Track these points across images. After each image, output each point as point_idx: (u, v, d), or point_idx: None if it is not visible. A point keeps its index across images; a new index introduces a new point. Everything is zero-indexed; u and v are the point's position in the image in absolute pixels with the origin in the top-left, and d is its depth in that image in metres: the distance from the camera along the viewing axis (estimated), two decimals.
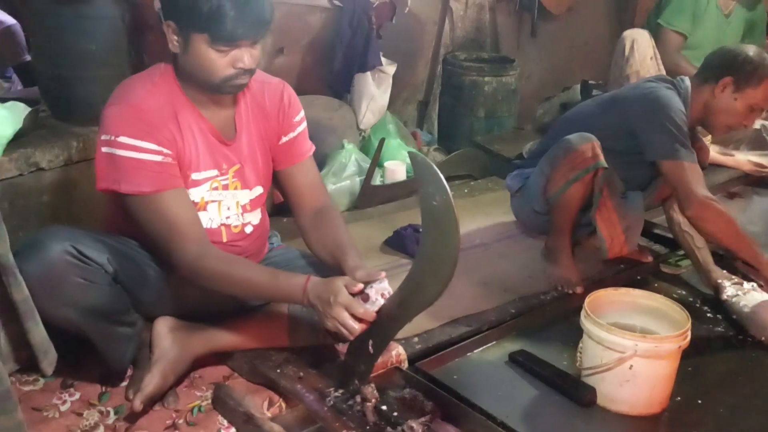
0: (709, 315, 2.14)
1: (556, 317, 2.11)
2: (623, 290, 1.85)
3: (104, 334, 1.54)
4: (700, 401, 1.76)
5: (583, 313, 1.73)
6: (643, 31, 3.29)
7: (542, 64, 4.14)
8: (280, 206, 2.69)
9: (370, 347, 1.52)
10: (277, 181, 1.74)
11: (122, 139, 1.45)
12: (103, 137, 1.47)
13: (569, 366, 1.85)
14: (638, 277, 2.36)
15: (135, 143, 1.45)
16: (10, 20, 3.09)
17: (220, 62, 1.46)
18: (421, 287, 1.35)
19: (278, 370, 1.65)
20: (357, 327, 1.42)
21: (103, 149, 1.47)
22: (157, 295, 1.62)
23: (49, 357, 1.19)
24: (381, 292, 1.45)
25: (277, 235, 1.92)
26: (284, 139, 1.69)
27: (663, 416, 1.71)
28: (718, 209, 2.08)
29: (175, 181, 1.50)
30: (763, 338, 1.99)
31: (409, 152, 1.48)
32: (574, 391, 1.75)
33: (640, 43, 3.19)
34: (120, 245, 1.55)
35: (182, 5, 1.42)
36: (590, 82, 3.73)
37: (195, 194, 1.56)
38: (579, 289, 2.19)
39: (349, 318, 1.41)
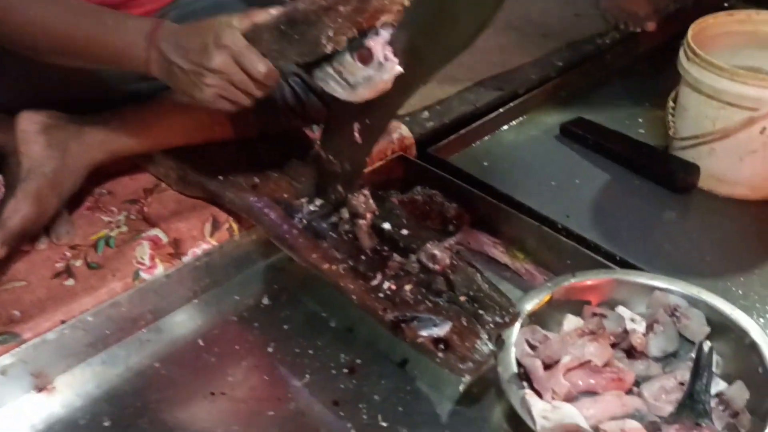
0: None
1: (621, 69, 1.54)
2: (740, 14, 1.21)
3: None
4: None
5: (683, 51, 1.13)
6: None
7: None
8: None
9: (356, 132, 0.93)
10: None
11: None
12: None
13: (650, 136, 1.29)
14: (725, 4, 1.70)
15: None
16: None
17: None
18: (448, 17, 0.73)
19: (221, 176, 1.07)
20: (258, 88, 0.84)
21: None
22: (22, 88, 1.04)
23: None
24: (389, 44, 0.81)
25: None
26: None
27: None
28: None
29: None
30: None
31: None
32: (664, 170, 1.20)
33: None
34: None
35: None
36: None
37: None
38: (651, 26, 1.56)
39: (254, 62, 0.82)
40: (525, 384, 0.82)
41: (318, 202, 1.01)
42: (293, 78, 1.06)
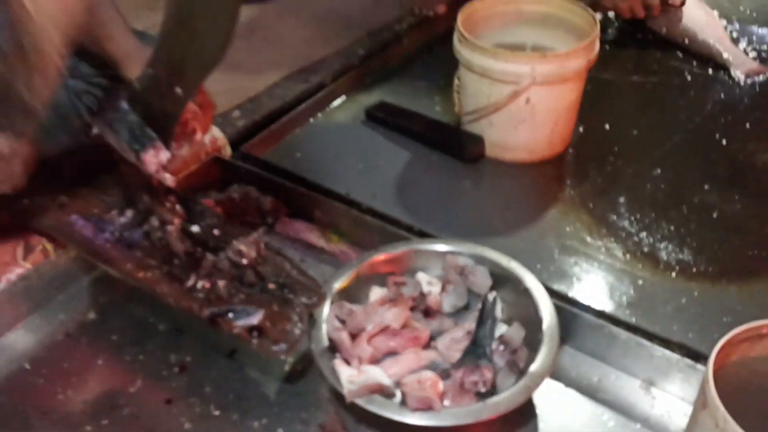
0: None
1: (418, 52, 1.65)
2: None
3: None
4: (608, 126, 1.40)
5: (455, 36, 1.25)
6: None
7: None
8: None
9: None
10: None
11: None
12: None
13: (444, 113, 1.42)
14: None
15: None
16: None
17: None
18: (189, 31, 0.79)
19: (26, 200, 1.07)
20: None
21: None
22: None
23: None
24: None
25: None
26: None
27: (567, 155, 1.34)
28: None
29: None
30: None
31: None
32: (455, 144, 1.32)
33: None
34: None
35: None
36: None
37: None
38: (441, 8, 1.69)
39: None
40: (337, 355, 0.91)
41: (129, 213, 1.04)
42: (86, 95, 1.08)
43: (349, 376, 0.86)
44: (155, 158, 0.90)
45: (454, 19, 1.27)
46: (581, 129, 1.38)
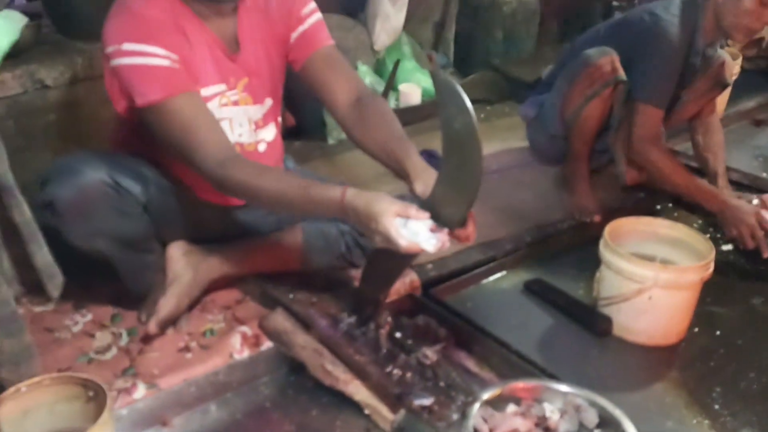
0: (730, 247, 2.11)
1: (572, 246, 2.09)
2: (644, 219, 1.80)
3: (129, 261, 1.52)
4: (718, 332, 1.74)
5: (602, 241, 1.69)
6: None
7: None
8: (292, 129, 2.64)
9: (384, 275, 1.49)
10: (305, 82, 1.60)
11: (126, 46, 1.36)
12: (107, 50, 1.38)
13: (585, 296, 1.83)
14: (657, 207, 2.31)
15: (140, 48, 1.35)
16: None
17: None
18: (442, 214, 1.30)
19: (291, 295, 1.62)
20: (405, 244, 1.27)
21: (111, 63, 1.38)
22: (176, 221, 1.59)
23: (54, 280, 1.16)
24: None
25: (290, 158, 1.86)
26: (294, 35, 1.56)
27: (680, 347, 1.69)
28: (660, 157, 2.10)
29: (187, 85, 1.39)
30: None
31: (431, 72, 1.40)
32: (589, 320, 1.73)
33: None
34: (147, 171, 1.50)
35: None
36: (614, 2, 3.59)
37: None
38: (596, 218, 2.14)
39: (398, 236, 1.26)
40: None
41: (353, 317, 1.55)
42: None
43: None
44: (441, 241, 1.29)
45: (604, 227, 1.72)
46: (696, 329, 1.73)
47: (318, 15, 1.59)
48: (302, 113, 2.68)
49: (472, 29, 3.41)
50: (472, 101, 1.18)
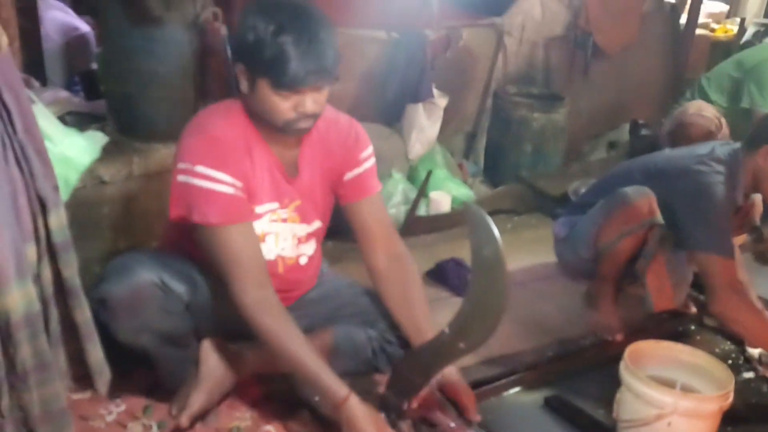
0: (752, 374, 2.12)
1: (594, 363, 2.11)
2: (666, 344, 1.84)
3: (167, 355, 1.61)
4: None
5: (622, 364, 1.73)
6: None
7: (592, 102, 4.13)
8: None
9: (411, 382, 1.55)
10: (346, 217, 1.76)
11: (199, 168, 1.49)
12: (180, 165, 1.51)
13: (605, 416, 1.85)
14: (680, 329, 2.35)
15: (211, 173, 1.48)
16: (84, 27, 3.14)
17: (283, 106, 1.48)
18: (467, 333, 1.37)
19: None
20: None
21: (179, 178, 1.51)
22: (214, 319, 1.68)
23: (103, 377, 1.24)
24: None
25: (325, 261, 1.95)
26: (349, 175, 1.71)
27: None
28: (744, 310, 2.03)
29: (244, 216, 1.53)
30: None
31: (463, 203, 1.52)
32: None
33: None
34: (193, 272, 1.62)
35: (247, 50, 1.46)
36: (640, 122, 3.73)
37: (256, 227, 1.60)
38: (619, 337, 2.18)
39: None
40: None
41: (382, 414, 1.59)
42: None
43: None
44: None
45: (626, 347, 1.76)
46: None
47: (373, 160, 1.74)
48: (335, 215, 2.79)
49: (503, 141, 3.56)
50: (500, 211, 1.28)
